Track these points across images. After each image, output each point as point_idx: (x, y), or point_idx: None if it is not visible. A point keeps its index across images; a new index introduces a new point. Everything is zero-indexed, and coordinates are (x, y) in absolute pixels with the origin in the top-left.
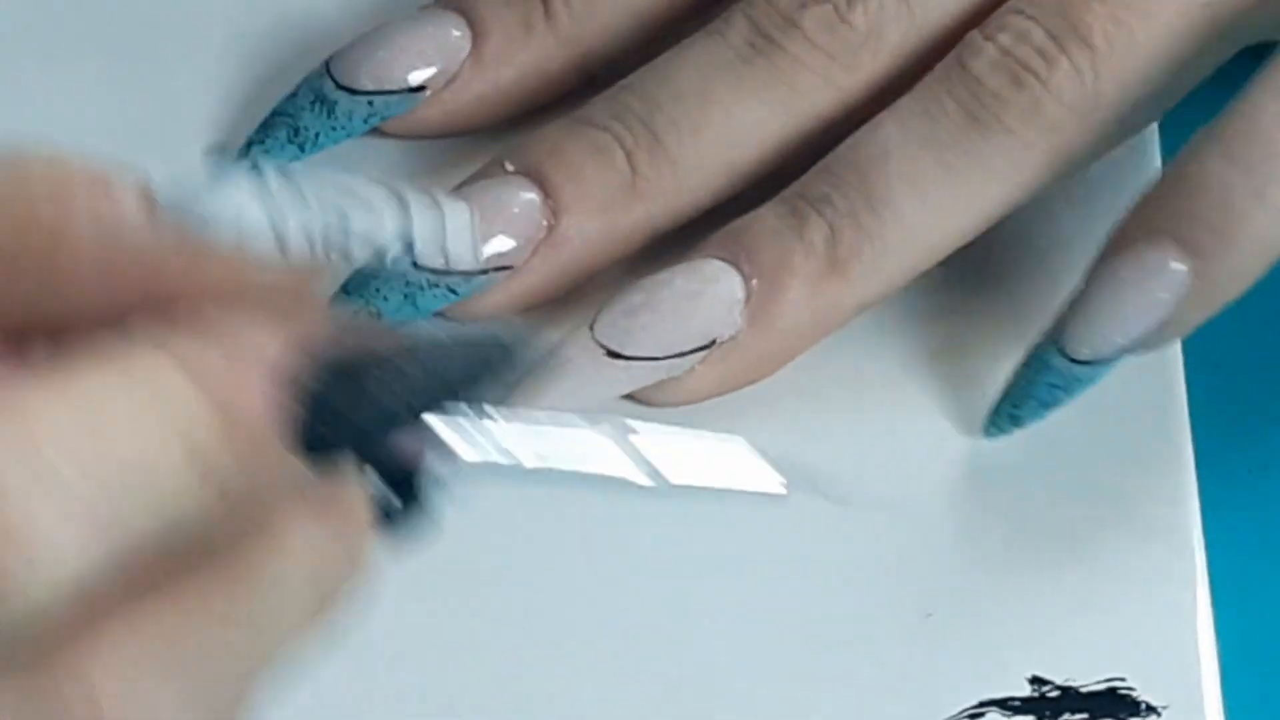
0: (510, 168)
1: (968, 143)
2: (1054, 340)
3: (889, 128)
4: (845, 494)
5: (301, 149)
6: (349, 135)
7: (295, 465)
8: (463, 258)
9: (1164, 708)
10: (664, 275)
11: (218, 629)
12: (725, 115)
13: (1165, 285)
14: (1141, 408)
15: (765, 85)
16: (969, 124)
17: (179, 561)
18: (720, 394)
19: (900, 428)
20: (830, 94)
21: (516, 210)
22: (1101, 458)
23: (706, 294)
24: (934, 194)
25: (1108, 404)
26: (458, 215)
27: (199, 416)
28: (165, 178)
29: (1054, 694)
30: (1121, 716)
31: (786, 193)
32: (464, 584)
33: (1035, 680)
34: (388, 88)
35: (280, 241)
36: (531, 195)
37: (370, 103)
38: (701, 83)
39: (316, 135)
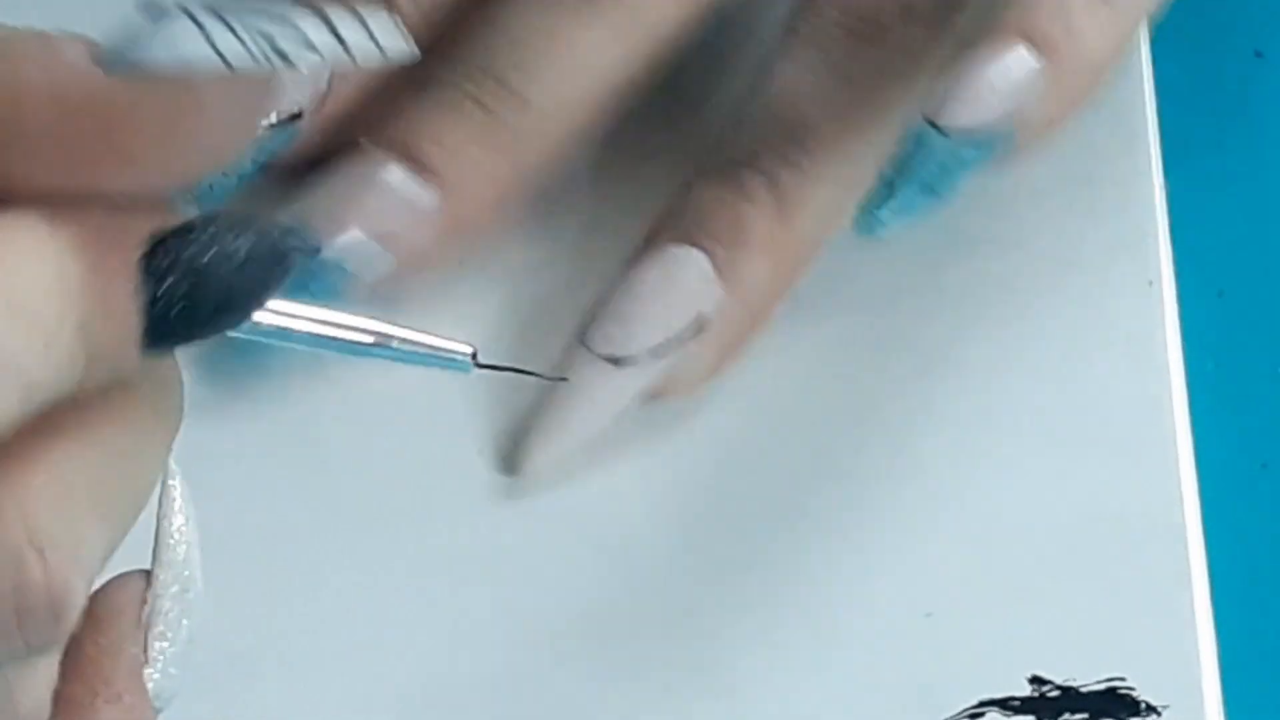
0: (374, 147)
1: (865, 55)
2: (927, 117)
3: (788, 68)
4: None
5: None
6: (241, 177)
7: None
8: (397, 50)
9: (1164, 707)
10: (633, 274)
11: (114, 460)
12: (569, 46)
13: (1021, 75)
14: (1142, 407)
15: (604, 10)
16: (859, 41)
17: (69, 416)
18: (725, 368)
19: (899, 427)
20: (671, 9)
21: (395, 188)
22: (1102, 457)
23: (679, 277)
24: (850, 113)
25: (1109, 403)
26: (379, 18)
27: (86, 302)
28: (103, 32)
29: (1054, 694)
30: (1122, 716)
31: (711, 166)
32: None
33: (1035, 680)
34: (272, 121)
35: (226, 67)
36: (400, 169)
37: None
38: (539, 20)
39: (211, 186)
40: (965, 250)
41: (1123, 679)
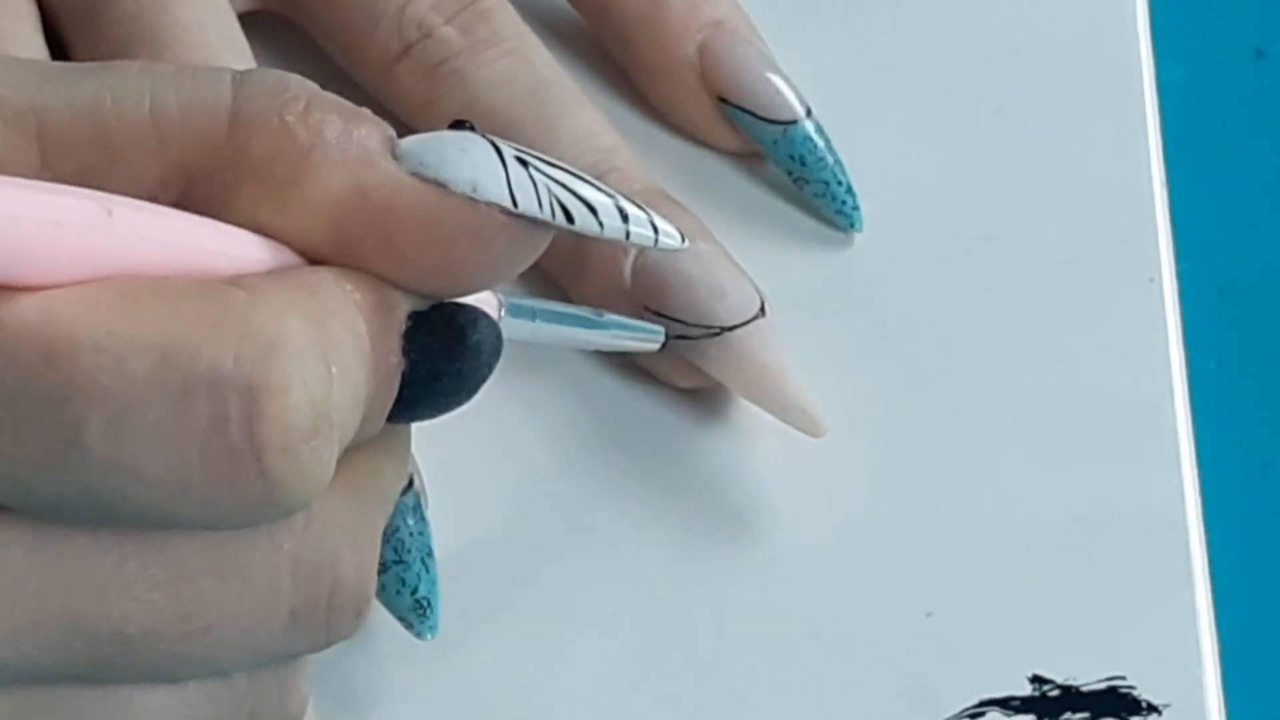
0: None
1: None
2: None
3: None
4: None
5: None
6: None
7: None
8: (674, 247)
9: (1165, 706)
10: None
11: (390, 478)
12: None
13: None
14: (1142, 405)
15: None
16: None
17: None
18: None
19: (897, 425)
20: None
21: None
22: (1102, 456)
23: None
24: None
25: (1108, 402)
26: (664, 222)
27: (370, 364)
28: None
29: (1055, 693)
30: (1123, 715)
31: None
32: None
33: (1036, 679)
34: None
35: (511, 204)
36: None
37: None
38: None
39: None
40: (965, 249)
41: (1123, 678)
